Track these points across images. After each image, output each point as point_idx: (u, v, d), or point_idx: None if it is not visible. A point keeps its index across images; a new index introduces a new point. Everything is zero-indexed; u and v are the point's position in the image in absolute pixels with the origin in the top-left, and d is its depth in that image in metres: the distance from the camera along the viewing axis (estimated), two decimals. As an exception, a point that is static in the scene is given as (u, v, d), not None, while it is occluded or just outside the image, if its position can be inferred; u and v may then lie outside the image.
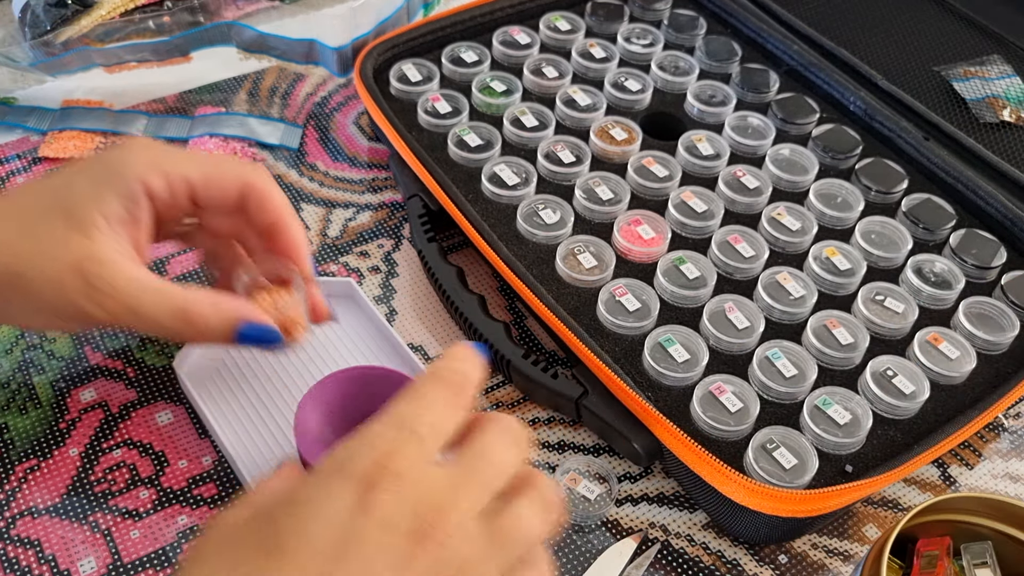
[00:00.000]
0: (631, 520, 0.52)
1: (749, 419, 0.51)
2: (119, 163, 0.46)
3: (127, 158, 0.46)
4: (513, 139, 0.67)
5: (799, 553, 0.52)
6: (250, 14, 0.81)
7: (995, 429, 0.59)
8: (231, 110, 0.73)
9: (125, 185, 0.45)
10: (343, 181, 0.69)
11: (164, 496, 0.51)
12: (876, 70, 0.74)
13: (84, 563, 0.48)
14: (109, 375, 0.56)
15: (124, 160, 0.46)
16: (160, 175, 0.46)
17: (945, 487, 0.56)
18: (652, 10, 0.79)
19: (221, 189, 0.48)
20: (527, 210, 0.61)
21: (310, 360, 0.57)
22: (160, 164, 0.47)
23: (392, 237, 0.66)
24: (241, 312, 0.47)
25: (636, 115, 0.70)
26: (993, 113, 0.73)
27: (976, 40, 0.81)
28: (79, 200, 0.45)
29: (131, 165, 0.46)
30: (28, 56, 0.71)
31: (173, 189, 0.47)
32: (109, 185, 0.45)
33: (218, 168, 0.48)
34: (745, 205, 0.64)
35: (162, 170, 0.46)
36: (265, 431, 0.53)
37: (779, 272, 0.59)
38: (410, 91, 0.69)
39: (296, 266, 0.50)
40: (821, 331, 0.56)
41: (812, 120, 0.70)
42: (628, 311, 0.56)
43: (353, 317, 0.59)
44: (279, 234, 0.49)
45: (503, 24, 0.75)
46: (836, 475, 0.51)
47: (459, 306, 0.58)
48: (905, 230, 0.62)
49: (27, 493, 0.51)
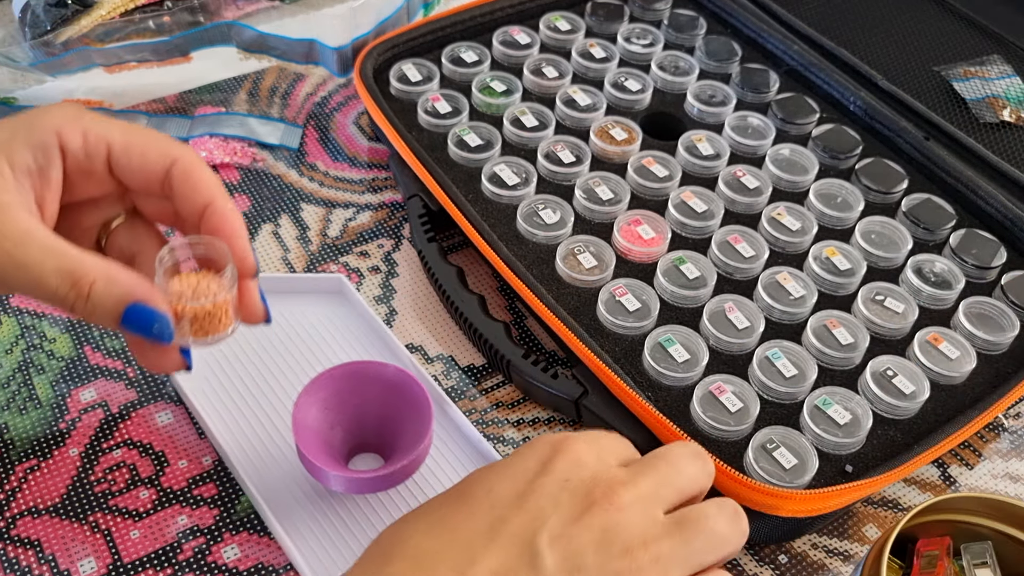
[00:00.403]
0: (631, 520, 0.52)
1: (749, 419, 0.51)
2: (36, 115, 0.44)
3: (47, 111, 0.44)
4: (513, 139, 0.67)
5: (799, 553, 0.52)
6: (250, 14, 0.81)
7: (995, 429, 0.59)
8: (231, 110, 0.73)
9: (37, 136, 0.43)
10: (343, 181, 0.69)
11: (164, 496, 0.51)
12: (876, 70, 0.74)
13: (84, 563, 0.48)
14: (109, 375, 0.56)
15: (43, 112, 0.44)
16: (77, 130, 0.44)
17: (945, 487, 0.56)
18: (652, 10, 0.79)
19: (143, 159, 0.45)
20: (527, 210, 0.61)
21: (302, 357, 0.57)
22: (80, 120, 0.44)
23: (392, 237, 0.66)
24: (136, 291, 0.42)
25: (636, 115, 0.70)
26: (993, 113, 0.73)
27: (976, 40, 0.81)
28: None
29: (48, 117, 0.44)
30: (28, 56, 0.71)
31: (89, 148, 0.44)
32: (21, 134, 0.43)
33: (142, 137, 0.45)
34: (745, 205, 0.64)
35: (80, 125, 0.44)
36: (260, 429, 0.53)
37: (779, 272, 0.59)
38: (410, 91, 0.69)
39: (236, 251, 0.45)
40: (821, 331, 0.56)
41: (812, 120, 0.70)
42: (628, 311, 0.56)
43: (345, 313, 0.59)
44: (212, 218, 0.45)
45: (503, 24, 0.75)
46: (836, 475, 0.51)
47: (459, 306, 0.58)
48: (905, 230, 0.62)
49: (27, 493, 0.51)
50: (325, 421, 0.50)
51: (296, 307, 0.59)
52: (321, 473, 0.48)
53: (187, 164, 0.45)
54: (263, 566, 0.49)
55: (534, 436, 0.56)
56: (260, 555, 0.49)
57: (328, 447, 0.50)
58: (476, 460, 0.53)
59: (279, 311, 0.59)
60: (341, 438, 0.51)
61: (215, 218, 0.45)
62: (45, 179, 0.43)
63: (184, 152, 0.46)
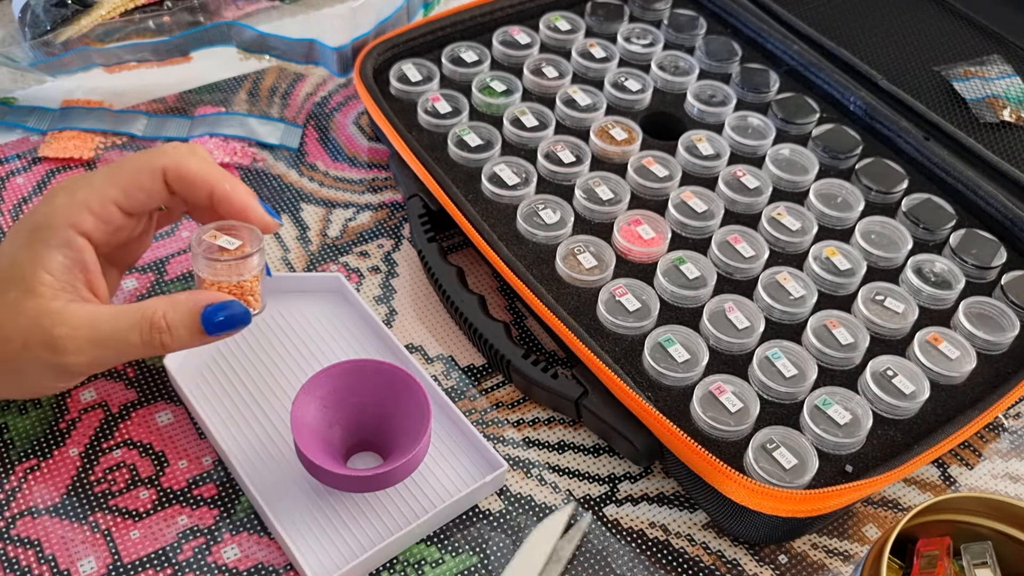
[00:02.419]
0: (631, 520, 0.52)
1: (749, 419, 0.51)
2: (45, 218, 0.47)
3: (50, 210, 0.48)
4: (513, 139, 0.67)
5: (799, 553, 0.52)
6: (250, 14, 0.81)
7: (995, 429, 0.59)
8: (231, 110, 0.73)
9: (57, 236, 0.47)
10: (343, 181, 0.69)
11: (164, 496, 0.51)
12: (876, 70, 0.74)
13: (84, 563, 0.48)
14: (109, 375, 0.56)
15: (49, 214, 0.48)
16: (86, 213, 0.48)
17: (945, 487, 0.56)
18: (652, 10, 0.79)
19: (144, 192, 0.49)
20: (527, 210, 0.61)
21: (300, 356, 0.57)
22: (83, 202, 0.48)
23: (392, 237, 0.66)
24: (199, 298, 0.47)
25: (636, 115, 0.70)
26: (993, 113, 0.73)
27: (976, 40, 0.81)
28: (22, 267, 0.46)
29: (56, 215, 0.47)
30: (28, 56, 0.71)
31: (105, 218, 0.48)
32: (44, 243, 0.47)
33: (131, 172, 0.49)
34: (745, 205, 0.64)
35: (86, 207, 0.48)
36: (258, 427, 0.53)
37: (779, 272, 0.59)
38: (410, 91, 0.69)
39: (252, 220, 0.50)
40: (821, 331, 0.56)
41: (812, 120, 0.70)
42: (628, 311, 0.56)
43: (343, 312, 0.59)
44: (221, 204, 0.50)
45: (503, 24, 0.75)
46: (836, 475, 0.51)
47: (459, 306, 0.58)
48: (905, 230, 0.62)
49: (27, 493, 0.51)
50: (324, 419, 0.50)
51: (295, 306, 0.59)
52: (320, 471, 0.48)
53: (175, 168, 0.49)
54: (263, 566, 0.49)
55: (534, 436, 0.56)
56: (260, 555, 0.49)
57: (327, 445, 0.50)
58: (476, 460, 0.53)
59: (278, 311, 0.59)
60: (340, 436, 0.51)
61: (223, 204, 0.49)
62: (84, 266, 0.48)
63: (168, 158, 0.49)
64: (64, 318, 0.46)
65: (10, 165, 0.67)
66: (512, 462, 0.54)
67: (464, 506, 0.51)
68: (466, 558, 0.50)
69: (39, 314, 0.45)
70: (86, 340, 0.46)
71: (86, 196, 0.48)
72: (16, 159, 0.68)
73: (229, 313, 0.48)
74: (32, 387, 0.50)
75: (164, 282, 0.61)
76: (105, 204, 0.48)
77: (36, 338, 0.45)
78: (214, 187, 0.49)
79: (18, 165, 0.67)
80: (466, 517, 0.52)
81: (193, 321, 0.47)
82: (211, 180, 0.49)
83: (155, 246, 0.63)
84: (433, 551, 0.50)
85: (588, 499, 0.53)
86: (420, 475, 0.52)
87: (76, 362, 0.46)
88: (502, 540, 0.51)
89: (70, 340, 0.45)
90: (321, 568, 0.48)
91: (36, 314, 0.45)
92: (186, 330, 0.47)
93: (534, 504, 0.52)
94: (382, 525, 0.50)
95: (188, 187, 0.49)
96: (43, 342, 0.45)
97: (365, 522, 0.50)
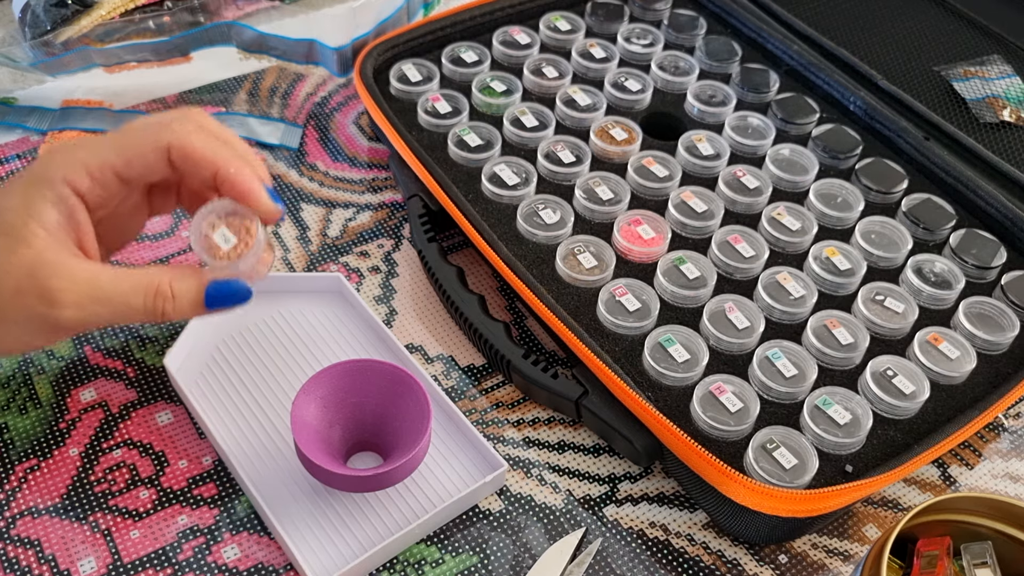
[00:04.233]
0: (631, 520, 0.52)
1: (749, 419, 0.51)
2: (42, 171, 0.46)
3: (48, 166, 0.47)
4: (513, 139, 0.67)
5: (799, 553, 0.52)
6: (250, 14, 0.81)
7: (995, 429, 0.59)
8: (231, 110, 0.73)
9: (52, 191, 0.46)
10: (343, 181, 0.69)
11: (164, 496, 0.51)
12: (876, 70, 0.74)
13: (84, 563, 0.48)
14: (109, 375, 0.56)
15: (46, 168, 0.46)
16: (84, 173, 0.46)
17: (945, 487, 0.56)
18: (652, 10, 0.79)
19: (146, 166, 0.48)
20: (527, 210, 0.61)
21: (300, 356, 0.57)
22: (81, 161, 0.47)
23: (392, 237, 0.66)
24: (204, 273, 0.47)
25: (636, 115, 0.70)
26: (993, 113, 0.73)
27: (976, 40, 0.81)
28: (13, 217, 0.45)
29: (54, 170, 0.46)
30: (28, 56, 0.71)
31: (102, 182, 0.47)
32: (39, 195, 0.46)
33: (136, 147, 0.48)
34: (745, 205, 0.64)
35: (84, 167, 0.46)
36: (258, 427, 0.53)
37: (779, 272, 0.59)
38: (410, 91, 0.69)
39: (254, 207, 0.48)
40: (821, 331, 0.56)
41: (812, 120, 0.70)
42: (628, 311, 0.56)
43: (343, 312, 0.59)
44: (223, 186, 0.48)
45: (503, 24, 0.75)
46: (836, 475, 0.51)
47: (459, 306, 0.58)
48: (905, 230, 0.62)
49: (27, 493, 0.51)
50: (324, 419, 0.50)
51: (294, 307, 0.59)
52: (320, 471, 0.48)
53: (180, 147, 0.48)
54: (263, 566, 0.49)
55: (534, 436, 0.56)
56: (260, 555, 0.49)
57: (327, 445, 0.50)
58: (476, 460, 0.53)
59: (278, 310, 0.59)
60: (340, 436, 0.51)
61: (225, 186, 0.48)
62: (75, 224, 0.46)
63: (174, 135, 0.48)
64: (61, 271, 0.44)
65: (10, 165, 0.67)
66: (512, 462, 0.54)
67: (464, 506, 0.51)
68: (466, 558, 0.50)
69: (35, 265, 0.44)
70: (85, 296, 0.44)
71: (85, 157, 0.47)
72: (16, 159, 0.68)
73: (232, 291, 0.47)
74: (12, 343, 0.48)
75: (164, 282, 0.61)
76: (103, 169, 0.47)
77: (30, 288, 0.44)
78: (218, 169, 0.48)
79: (18, 165, 0.67)
80: (466, 517, 0.52)
81: (198, 294, 0.47)
82: (216, 161, 0.48)
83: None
84: (433, 551, 0.50)
85: (588, 499, 0.53)
86: (420, 475, 0.52)
87: (70, 317, 0.45)
88: (502, 540, 0.51)
89: (68, 293, 0.44)
90: (321, 568, 0.48)
91: (31, 264, 0.44)
92: (189, 303, 0.47)
93: (534, 504, 0.52)
94: (382, 525, 0.50)
95: (192, 166, 0.48)
96: (38, 293, 0.44)
97: (365, 522, 0.50)
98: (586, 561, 0.50)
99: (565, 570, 0.49)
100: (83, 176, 0.46)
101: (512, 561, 0.50)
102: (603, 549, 0.51)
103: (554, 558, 0.50)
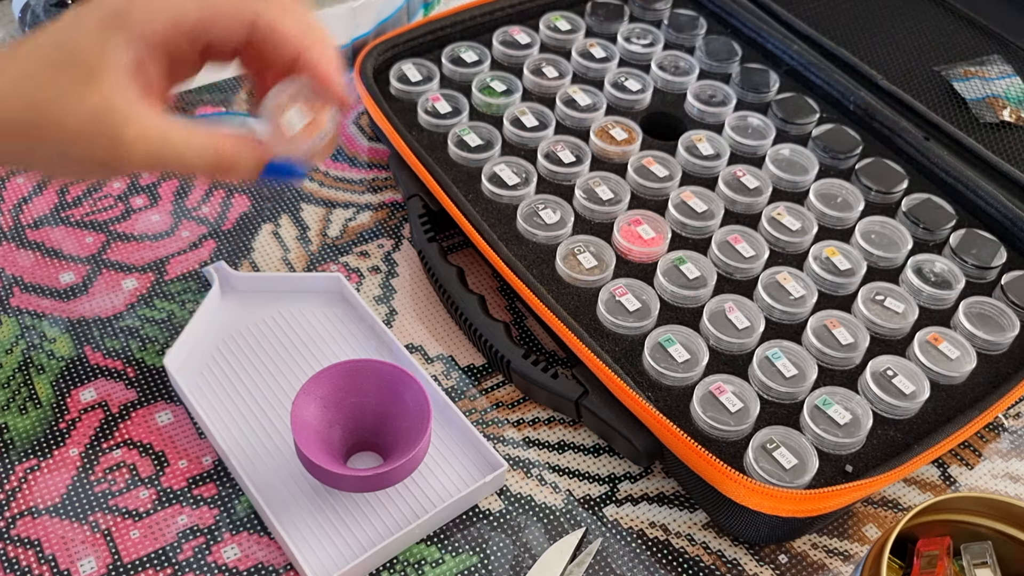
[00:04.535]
0: (631, 520, 0.52)
1: (749, 419, 0.51)
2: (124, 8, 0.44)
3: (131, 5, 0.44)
4: (513, 139, 0.67)
5: (799, 553, 0.52)
6: (250, 14, 0.81)
7: (995, 429, 0.59)
8: (231, 110, 0.73)
9: (128, 34, 0.43)
10: (343, 181, 0.69)
11: (164, 496, 0.51)
12: (876, 70, 0.74)
13: (84, 563, 0.48)
14: (109, 375, 0.56)
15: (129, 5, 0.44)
16: (164, 22, 0.44)
17: (945, 487, 0.56)
18: (652, 10, 0.79)
19: (227, 30, 0.46)
20: (527, 210, 0.61)
21: (300, 356, 0.57)
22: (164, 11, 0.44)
23: (392, 237, 0.66)
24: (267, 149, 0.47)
25: (636, 115, 0.70)
26: (993, 113, 0.73)
27: (976, 40, 0.81)
28: (86, 51, 0.42)
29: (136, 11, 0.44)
30: (28, 56, 0.71)
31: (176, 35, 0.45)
32: (114, 35, 0.43)
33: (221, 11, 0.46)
34: (745, 205, 0.64)
35: (167, 17, 0.44)
36: (258, 427, 0.53)
37: (779, 272, 0.59)
38: (410, 91, 0.69)
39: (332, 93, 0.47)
40: (821, 331, 0.56)
41: (812, 120, 0.70)
42: (628, 311, 0.56)
43: (343, 312, 0.59)
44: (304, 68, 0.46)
45: (503, 24, 0.75)
46: (836, 475, 0.51)
47: (459, 306, 0.58)
48: (905, 230, 0.62)
49: (27, 493, 0.51)
50: (324, 419, 0.50)
51: (294, 307, 0.59)
52: (320, 471, 0.48)
53: (266, 23, 0.46)
54: (263, 566, 0.49)
55: (534, 436, 0.56)
56: (260, 555, 0.49)
57: (327, 445, 0.50)
58: (476, 460, 0.53)
59: (278, 310, 0.59)
60: (340, 436, 0.51)
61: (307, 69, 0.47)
62: (146, 75, 0.44)
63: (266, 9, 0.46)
64: (133, 119, 0.42)
65: (10, 165, 0.67)
66: (512, 462, 0.54)
67: (464, 506, 0.51)
68: (466, 558, 0.50)
69: (103, 110, 0.42)
70: (155, 151, 0.43)
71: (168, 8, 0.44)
72: (16, 159, 0.68)
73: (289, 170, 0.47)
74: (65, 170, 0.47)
75: (164, 282, 0.61)
76: (182, 24, 0.44)
77: (97, 134, 0.42)
78: (302, 52, 0.46)
79: (18, 165, 0.67)
80: (466, 517, 0.52)
81: (258, 166, 0.46)
82: (301, 46, 0.46)
83: (155, 246, 0.63)
84: (433, 551, 0.50)
85: (588, 499, 0.53)
86: (420, 475, 0.52)
87: (134, 165, 0.43)
88: (502, 540, 0.51)
89: (139, 143, 0.42)
90: (321, 568, 0.48)
91: (99, 108, 0.42)
92: (247, 171, 0.46)
93: (534, 504, 0.52)
94: (382, 525, 0.50)
95: (274, 45, 0.46)
96: (107, 140, 0.42)
97: (365, 522, 0.50)
98: (586, 561, 0.50)
99: (565, 570, 0.49)
100: (163, 25, 0.44)
101: (512, 561, 0.50)
102: (603, 549, 0.51)
103: (554, 558, 0.50)
